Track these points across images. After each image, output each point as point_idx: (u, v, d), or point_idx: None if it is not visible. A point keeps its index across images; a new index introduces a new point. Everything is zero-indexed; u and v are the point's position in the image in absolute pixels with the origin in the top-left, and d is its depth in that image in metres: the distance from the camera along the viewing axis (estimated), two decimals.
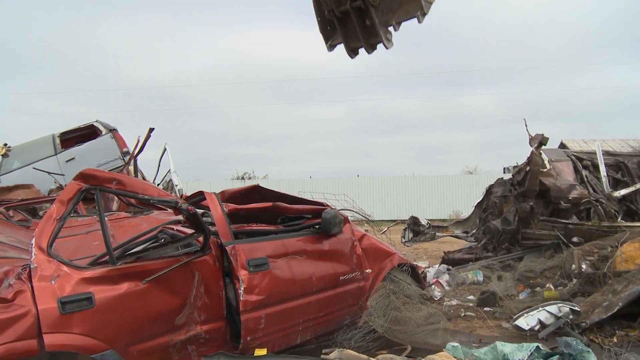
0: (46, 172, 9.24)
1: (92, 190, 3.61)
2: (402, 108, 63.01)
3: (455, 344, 4.56)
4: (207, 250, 4.02)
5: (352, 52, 4.51)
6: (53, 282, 3.28)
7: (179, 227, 4.71)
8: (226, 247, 4.11)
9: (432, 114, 66.34)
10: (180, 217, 4.72)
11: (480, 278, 7.99)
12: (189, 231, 4.20)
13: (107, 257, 3.56)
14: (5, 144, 10.59)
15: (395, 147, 61.86)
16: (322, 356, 3.74)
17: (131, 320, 3.53)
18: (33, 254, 3.33)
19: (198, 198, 4.77)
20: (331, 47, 4.54)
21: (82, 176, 3.66)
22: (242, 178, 35.89)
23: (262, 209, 5.09)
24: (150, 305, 3.64)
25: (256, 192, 5.48)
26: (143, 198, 3.73)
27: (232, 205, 4.76)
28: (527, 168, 8.78)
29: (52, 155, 10.23)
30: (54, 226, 3.45)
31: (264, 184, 33.61)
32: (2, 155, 10.49)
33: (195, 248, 4.03)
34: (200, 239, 3.98)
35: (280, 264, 4.40)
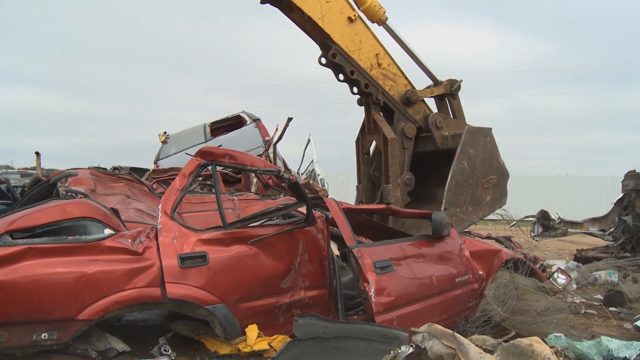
0: None
1: (208, 165, 4.16)
2: (559, 105, 59.12)
3: (559, 334, 4.48)
4: (311, 222, 4.39)
5: None
6: (175, 240, 3.85)
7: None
8: (353, 250, 4.21)
9: (592, 112, 61.59)
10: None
11: (615, 279, 7.55)
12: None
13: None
14: (165, 132, 11.86)
15: (551, 147, 58.15)
16: (412, 329, 3.91)
17: (240, 279, 4.01)
18: (159, 217, 3.93)
19: (319, 201, 4.96)
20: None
21: (201, 153, 4.23)
22: None
23: (375, 210, 5.34)
24: (258, 267, 4.09)
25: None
26: (250, 169, 4.21)
27: (345, 204, 5.05)
28: None
29: (203, 143, 11.22)
30: (177, 195, 4.06)
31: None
32: (162, 142, 11.78)
33: (302, 219, 4.43)
34: (304, 211, 4.36)
35: (402, 266, 4.47)
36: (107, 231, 3.87)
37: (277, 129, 10.31)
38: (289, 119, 10.14)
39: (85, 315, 3.56)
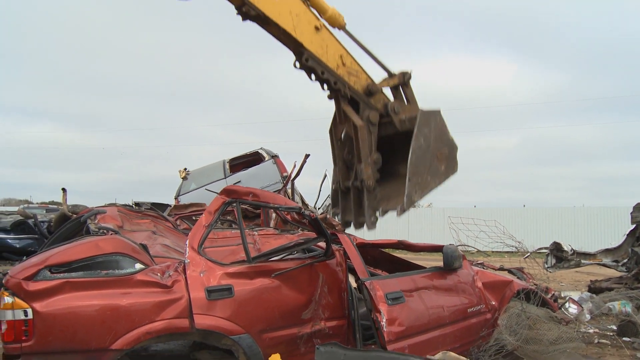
0: (216, 193, 10.50)
1: (232, 202, 4.41)
2: (578, 136, 58.90)
3: None
4: (330, 255, 4.62)
5: (346, 224, 5.66)
6: (202, 274, 4.08)
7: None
8: (365, 283, 4.54)
9: (611, 142, 61.07)
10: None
11: (629, 309, 7.64)
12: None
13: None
14: (185, 169, 12.20)
15: (569, 178, 57.82)
16: (427, 356, 4.10)
17: (264, 310, 4.21)
18: (187, 252, 4.17)
19: (333, 237, 5.21)
20: (334, 214, 5.81)
21: (225, 191, 4.50)
22: None
23: (388, 244, 5.69)
24: (280, 300, 4.30)
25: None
26: (273, 206, 4.46)
27: (360, 239, 5.32)
28: None
29: (222, 179, 11.53)
30: (203, 231, 4.30)
31: (427, 212, 33.21)
32: (182, 178, 12.10)
33: (321, 254, 4.67)
34: (324, 245, 4.59)
35: (413, 297, 4.73)
36: (138, 265, 4.10)
37: (295, 166, 10.58)
38: (307, 156, 10.43)
39: (118, 345, 3.75)
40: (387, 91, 6.94)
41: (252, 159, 12.32)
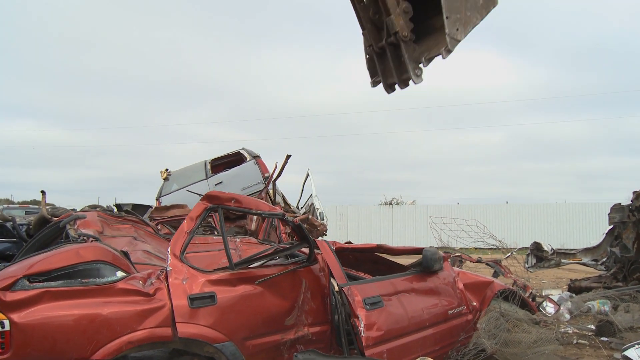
0: (197, 194, 10.45)
1: (215, 209, 4.39)
2: (563, 132, 59.21)
3: None
4: (313, 261, 4.61)
5: (389, 88, 5.13)
6: (184, 282, 4.04)
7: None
8: (343, 288, 4.55)
9: (598, 138, 61.62)
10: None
11: (607, 308, 7.75)
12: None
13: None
14: (167, 169, 12.11)
15: (554, 173, 58.23)
16: None
17: (247, 317, 4.18)
18: (169, 260, 4.13)
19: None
20: (374, 84, 5.14)
21: (207, 197, 4.45)
22: (390, 204, 36.11)
23: (367, 249, 5.70)
24: (264, 306, 4.28)
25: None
26: (256, 212, 4.44)
27: (339, 244, 5.33)
28: None
29: (204, 179, 11.50)
30: (185, 238, 4.25)
31: (411, 209, 33.49)
32: (164, 179, 12.01)
33: (304, 259, 4.66)
34: (306, 251, 4.58)
35: (392, 301, 4.75)
36: (119, 273, 4.05)
37: (276, 166, 10.59)
38: (288, 157, 10.44)
39: (99, 355, 3.68)
40: None
41: (233, 160, 12.28)
